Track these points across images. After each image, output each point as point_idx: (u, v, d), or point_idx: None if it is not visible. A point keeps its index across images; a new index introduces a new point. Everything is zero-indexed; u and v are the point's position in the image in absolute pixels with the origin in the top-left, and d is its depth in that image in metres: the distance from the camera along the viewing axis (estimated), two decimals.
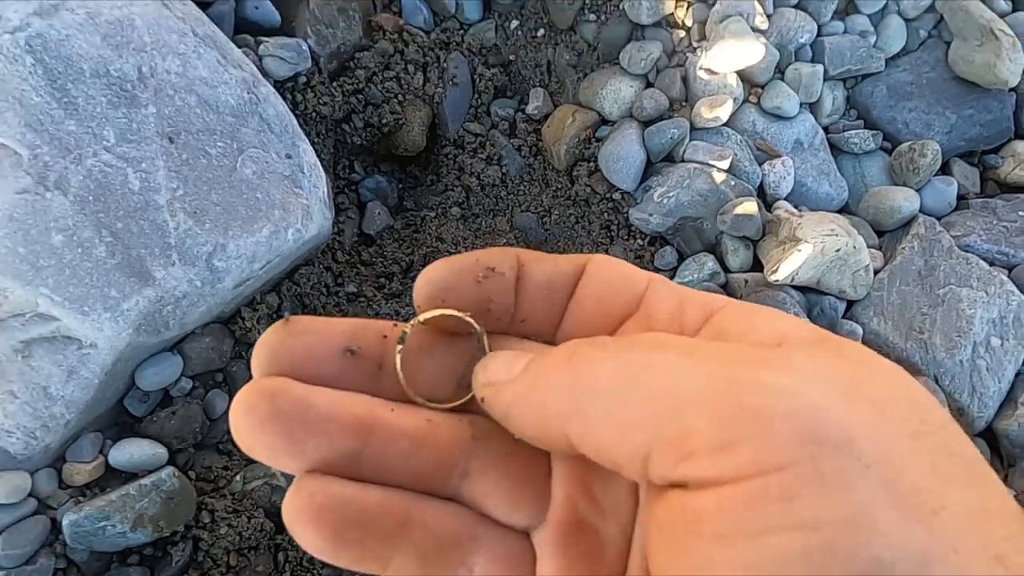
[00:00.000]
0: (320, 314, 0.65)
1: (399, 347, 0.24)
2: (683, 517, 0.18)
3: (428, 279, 0.24)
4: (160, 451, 0.54)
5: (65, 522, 0.50)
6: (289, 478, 0.26)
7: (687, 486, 0.18)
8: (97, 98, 0.53)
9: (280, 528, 0.57)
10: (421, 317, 0.24)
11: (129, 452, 0.54)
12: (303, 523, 0.21)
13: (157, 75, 0.56)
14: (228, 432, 0.59)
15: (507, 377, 0.22)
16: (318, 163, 0.63)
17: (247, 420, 0.21)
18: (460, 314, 0.24)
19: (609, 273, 0.25)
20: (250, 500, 0.57)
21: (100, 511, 0.51)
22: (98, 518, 0.50)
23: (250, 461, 0.60)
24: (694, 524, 0.18)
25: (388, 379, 0.24)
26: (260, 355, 0.22)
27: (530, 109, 0.77)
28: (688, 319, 0.24)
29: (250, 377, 0.22)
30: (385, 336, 0.24)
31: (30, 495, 0.51)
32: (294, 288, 0.65)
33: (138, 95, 0.55)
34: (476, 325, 0.24)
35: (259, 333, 0.58)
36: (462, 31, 0.78)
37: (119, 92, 0.54)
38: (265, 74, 0.66)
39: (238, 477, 0.57)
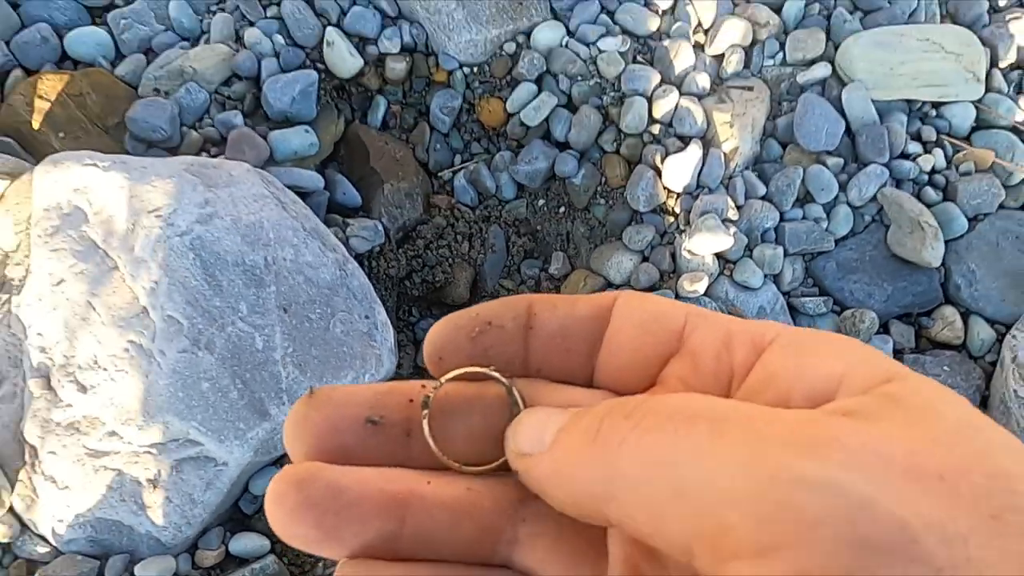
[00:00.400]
0: None
1: (424, 412, 0.22)
2: None
3: (428, 339, 0.23)
4: (264, 542, 0.73)
5: None
6: None
7: None
8: (235, 281, 0.74)
9: None
10: (443, 378, 0.23)
11: (243, 543, 0.72)
12: None
13: (277, 263, 0.77)
14: None
15: (537, 449, 0.21)
16: (388, 321, 0.83)
17: (279, 512, 0.20)
18: (483, 370, 0.23)
19: (640, 315, 0.23)
20: None
21: None
22: None
23: None
24: None
25: (419, 446, 0.23)
26: (287, 431, 0.22)
27: (552, 270, 0.97)
28: (738, 359, 0.22)
29: None
30: (411, 400, 0.23)
31: (174, 574, 0.69)
32: None
33: (263, 278, 0.76)
34: (503, 379, 0.23)
35: None
36: (500, 207, 0.99)
37: (251, 276, 0.75)
38: (350, 249, 0.87)
39: (320, 564, 0.75)
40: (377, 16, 0.95)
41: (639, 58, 0.95)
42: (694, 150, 0.89)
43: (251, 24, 0.93)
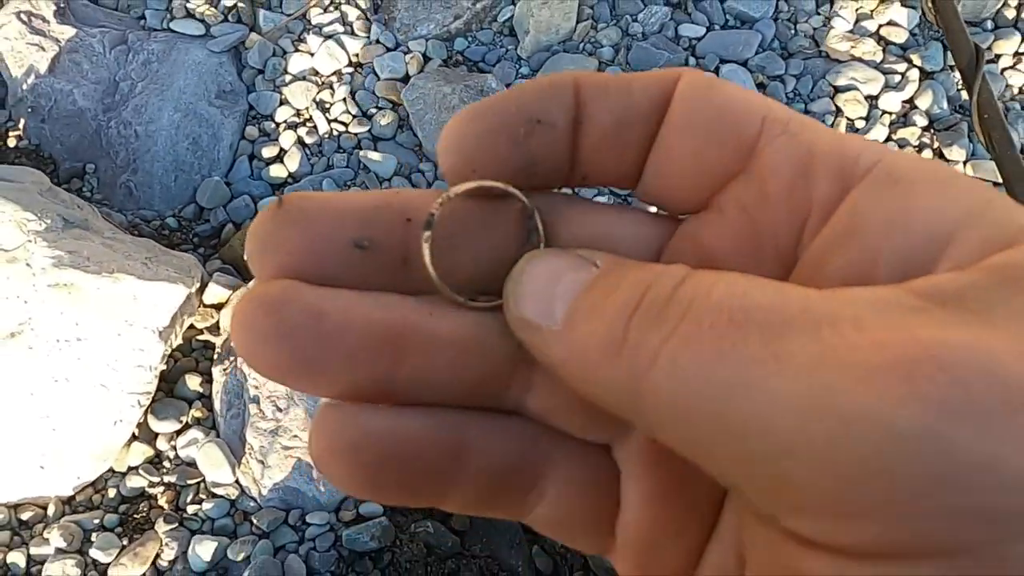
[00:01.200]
0: None
1: (426, 235, 0.18)
2: (793, 566, 0.14)
3: (455, 139, 0.18)
4: (379, 508, 1.17)
5: (343, 534, 1.12)
6: None
7: (798, 537, 0.14)
8: None
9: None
10: (451, 192, 0.18)
11: (367, 507, 1.16)
12: (332, 464, 0.17)
13: None
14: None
15: (545, 322, 0.17)
16: None
17: (246, 339, 0.17)
18: (503, 186, 0.18)
19: (705, 112, 0.18)
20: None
21: (355, 531, 1.13)
22: (356, 534, 1.12)
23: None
24: None
25: (418, 275, 0.18)
26: (249, 251, 0.18)
27: None
28: (819, 192, 0.17)
29: None
30: (409, 220, 0.18)
31: (328, 523, 1.14)
32: None
33: None
34: (525, 200, 0.19)
35: None
36: None
37: None
38: None
39: (415, 521, 1.18)
40: None
41: None
42: None
43: None
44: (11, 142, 1.37)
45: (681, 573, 0.20)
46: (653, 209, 0.21)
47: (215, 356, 1.22)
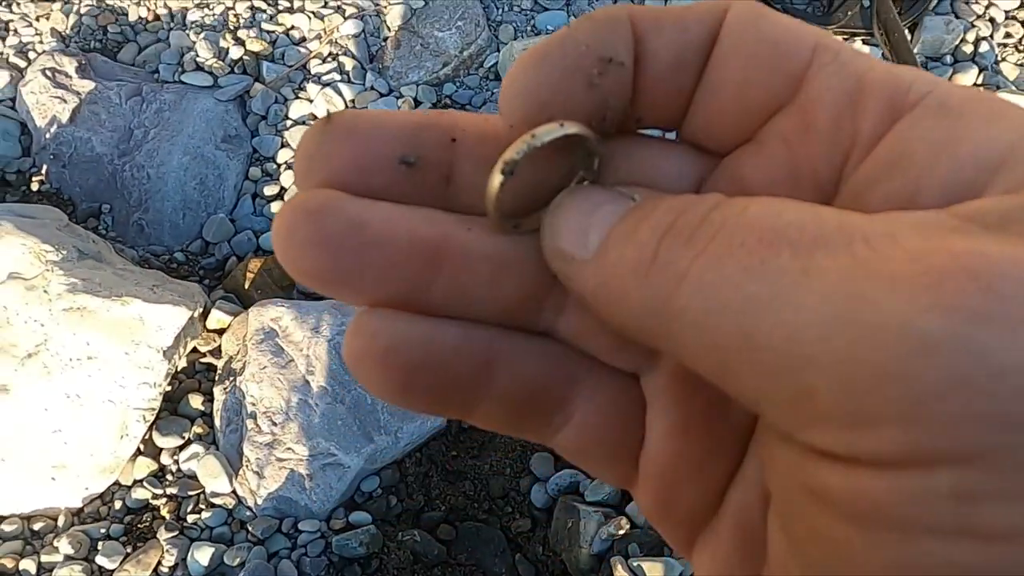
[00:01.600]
0: (441, 459, 1.34)
1: (501, 178, 0.18)
2: (811, 482, 0.14)
3: (525, 84, 0.17)
4: (368, 517, 1.23)
5: (333, 541, 1.19)
6: None
7: (816, 451, 0.14)
8: None
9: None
10: (535, 141, 0.17)
11: (357, 516, 1.23)
12: (366, 368, 0.18)
13: None
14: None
15: (579, 252, 0.17)
16: None
17: (288, 246, 0.17)
18: (589, 133, 0.18)
19: (753, 41, 0.17)
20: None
21: (344, 538, 1.19)
22: (345, 540, 1.18)
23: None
24: (825, 497, 0.14)
25: (460, 194, 0.19)
26: (298, 164, 0.18)
27: None
28: (865, 125, 0.17)
29: None
30: (454, 139, 0.19)
31: (319, 531, 1.20)
32: (425, 449, 1.35)
33: None
34: (595, 142, 0.18)
35: (409, 467, 1.29)
36: None
37: None
38: None
39: (401, 531, 1.24)
40: None
41: None
42: None
43: None
44: (34, 186, 1.49)
45: (702, 510, 0.19)
46: None
47: (216, 377, 1.30)
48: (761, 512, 0.18)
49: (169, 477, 1.21)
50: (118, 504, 1.18)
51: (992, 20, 1.69)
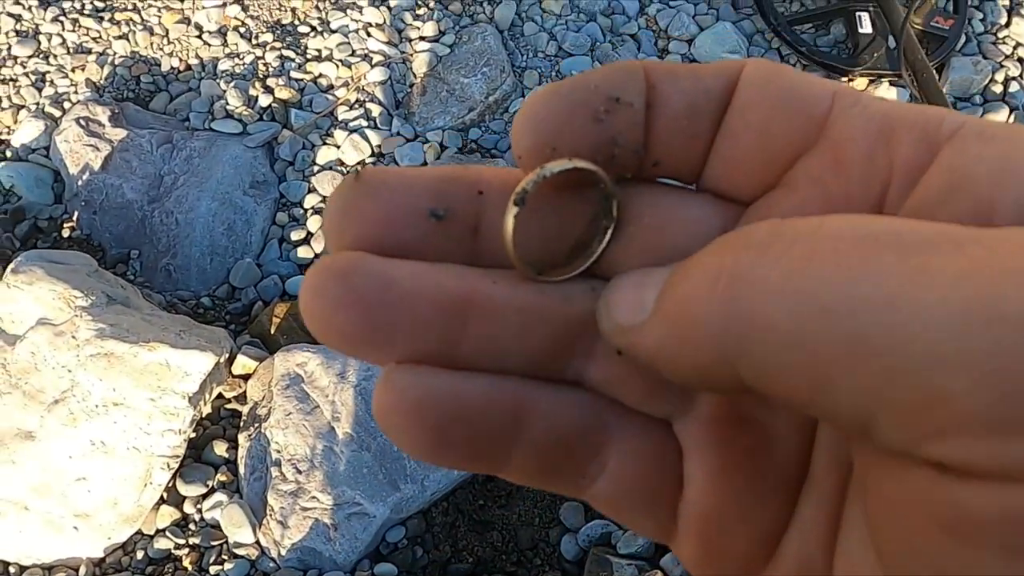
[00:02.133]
0: (467, 516, 1.30)
1: (516, 210, 0.18)
2: (938, 507, 0.13)
3: (533, 117, 0.18)
4: (395, 568, 1.20)
5: None
6: None
7: (944, 468, 0.12)
8: None
9: None
10: (544, 171, 0.18)
11: (383, 568, 1.19)
12: (397, 424, 0.17)
13: None
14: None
15: (639, 318, 0.17)
16: None
17: (317, 307, 0.17)
18: (596, 168, 0.18)
19: (774, 89, 0.18)
20: None
21: None
22: None
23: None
24: (959, 522, 0.12)
25: (486, 246, 0.19)
26: (328, 222, 0.18)
27: None
28: (901, 157, 0.16)
29: None
30: (480, 192, 0.19)
31: None
32: (453, 498, 1.32)
33: None
34: (608, 182, 0.18)
35: (436, 517, 1.26)
36: None
37: None
38: None
39: None
40: None
41: None
42: None
43: None
44: (65, 232, 1.50)
45: (752, 559, 0.19)
46: None
47: (241, 423, 1.29)
48: (825, 558, 0.17)
49: (192, 527, 1.19)
50: (140, 554, 1.16)
51: (1021, 60, 1.67)
